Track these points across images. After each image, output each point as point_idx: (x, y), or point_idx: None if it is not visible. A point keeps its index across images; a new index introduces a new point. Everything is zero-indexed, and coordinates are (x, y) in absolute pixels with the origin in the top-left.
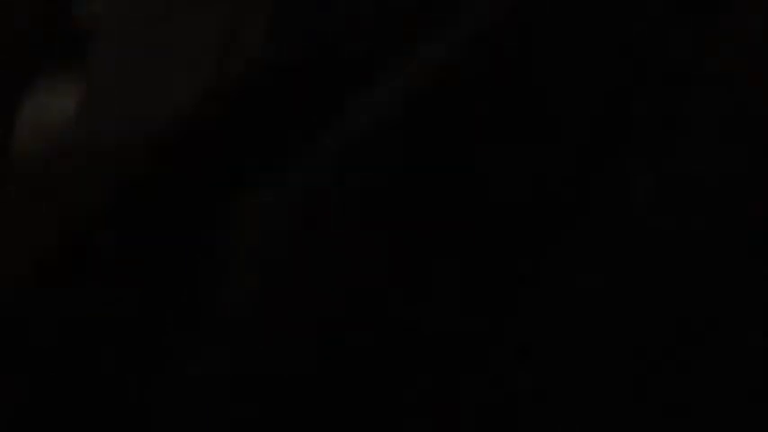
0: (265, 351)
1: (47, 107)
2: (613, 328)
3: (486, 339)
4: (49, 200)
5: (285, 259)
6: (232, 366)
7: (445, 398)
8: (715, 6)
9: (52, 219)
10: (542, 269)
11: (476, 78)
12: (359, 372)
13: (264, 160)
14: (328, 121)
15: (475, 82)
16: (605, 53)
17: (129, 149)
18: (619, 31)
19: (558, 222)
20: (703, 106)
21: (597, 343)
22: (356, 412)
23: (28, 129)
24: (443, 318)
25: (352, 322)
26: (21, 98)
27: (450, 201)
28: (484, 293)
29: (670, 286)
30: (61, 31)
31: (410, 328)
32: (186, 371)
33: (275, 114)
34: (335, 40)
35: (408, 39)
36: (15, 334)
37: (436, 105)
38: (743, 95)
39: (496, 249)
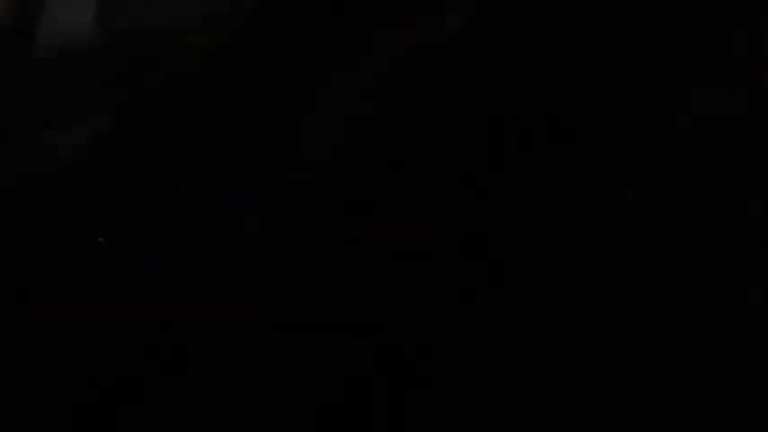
0: (265, 352)
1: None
2: (612, 327)
3: (485, 339)
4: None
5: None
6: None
7: (444, 398)
8: (714, 7)
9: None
10: (541, 269)
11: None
12: (358, 372)
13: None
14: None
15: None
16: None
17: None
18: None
19: (558, 222)
20: (703, 106)
21: (596, 343)
22: (355, 412)
23: (45, 36)
24: (442, 317)
25: (351, 323)
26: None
27: (443, 202)
28: (479, 294)
29: (670, 286)
30: None
31: (408, 327)
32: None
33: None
34: None
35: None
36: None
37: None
38: (743, 95)
39: (494, 249)
